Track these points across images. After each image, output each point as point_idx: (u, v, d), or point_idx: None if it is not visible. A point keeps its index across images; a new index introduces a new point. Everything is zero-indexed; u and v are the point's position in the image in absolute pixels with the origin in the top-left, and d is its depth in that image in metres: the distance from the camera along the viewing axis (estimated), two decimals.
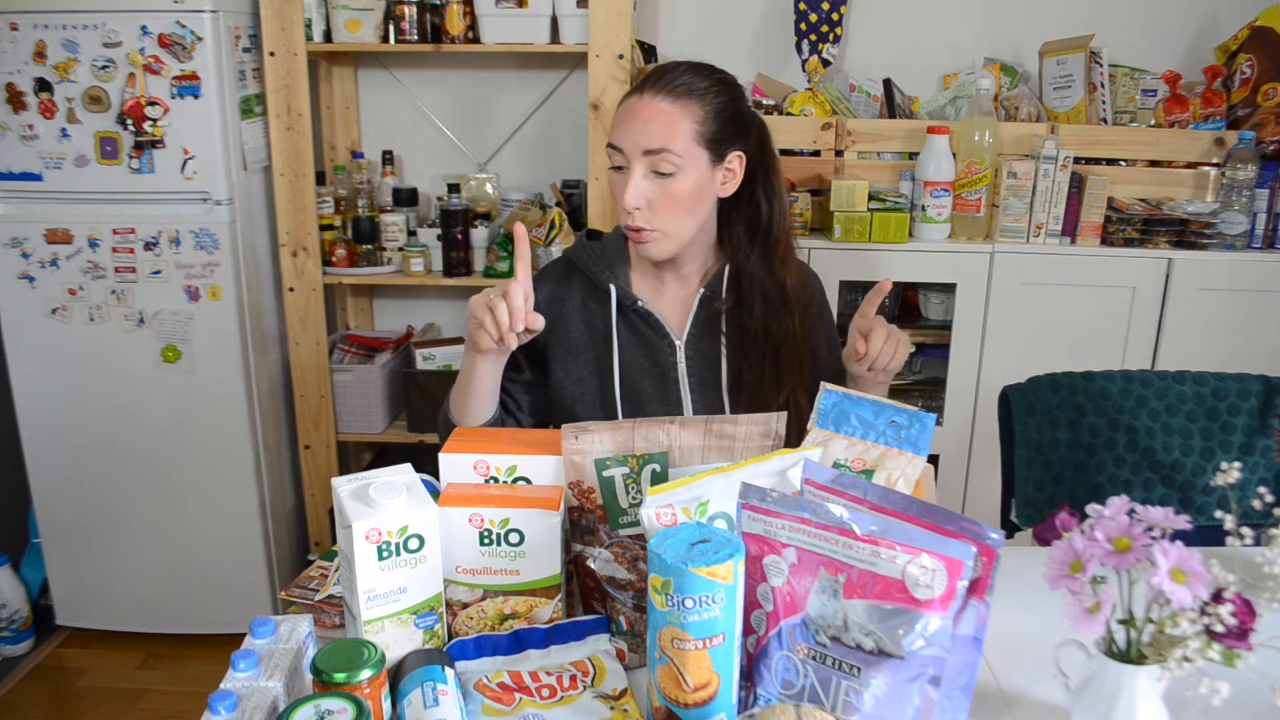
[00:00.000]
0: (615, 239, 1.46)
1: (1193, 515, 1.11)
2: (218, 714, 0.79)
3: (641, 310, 1.40)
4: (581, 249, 1.45)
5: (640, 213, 1.31)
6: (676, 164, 1.29)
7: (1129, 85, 2.38)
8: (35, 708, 2.33)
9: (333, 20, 2.32)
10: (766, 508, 0.84)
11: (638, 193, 1.30)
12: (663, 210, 1.31)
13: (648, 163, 1.29)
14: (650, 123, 1.29)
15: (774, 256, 1.40)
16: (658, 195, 1.30)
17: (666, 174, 1.29)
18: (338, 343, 2.66)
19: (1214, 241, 2.23)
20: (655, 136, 1.28)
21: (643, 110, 1.30)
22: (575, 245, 1.47)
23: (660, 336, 1.41)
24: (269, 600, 2.51)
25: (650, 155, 1.28)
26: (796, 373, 1.38)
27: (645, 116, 1.29)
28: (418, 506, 0.91)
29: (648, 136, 1.28)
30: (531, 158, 2.72)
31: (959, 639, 0.81)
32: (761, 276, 1.39)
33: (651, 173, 1.30)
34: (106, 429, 2.39)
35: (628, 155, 1.30)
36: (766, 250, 1.40)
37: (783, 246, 1.41)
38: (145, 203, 2.25)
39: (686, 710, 0.83)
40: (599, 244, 1.45)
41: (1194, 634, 0.77)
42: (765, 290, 1.39)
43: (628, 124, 1.30)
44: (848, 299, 2.50)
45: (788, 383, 1.38)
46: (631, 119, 1.30)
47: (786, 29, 2.53)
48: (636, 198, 1.30)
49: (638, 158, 1.29)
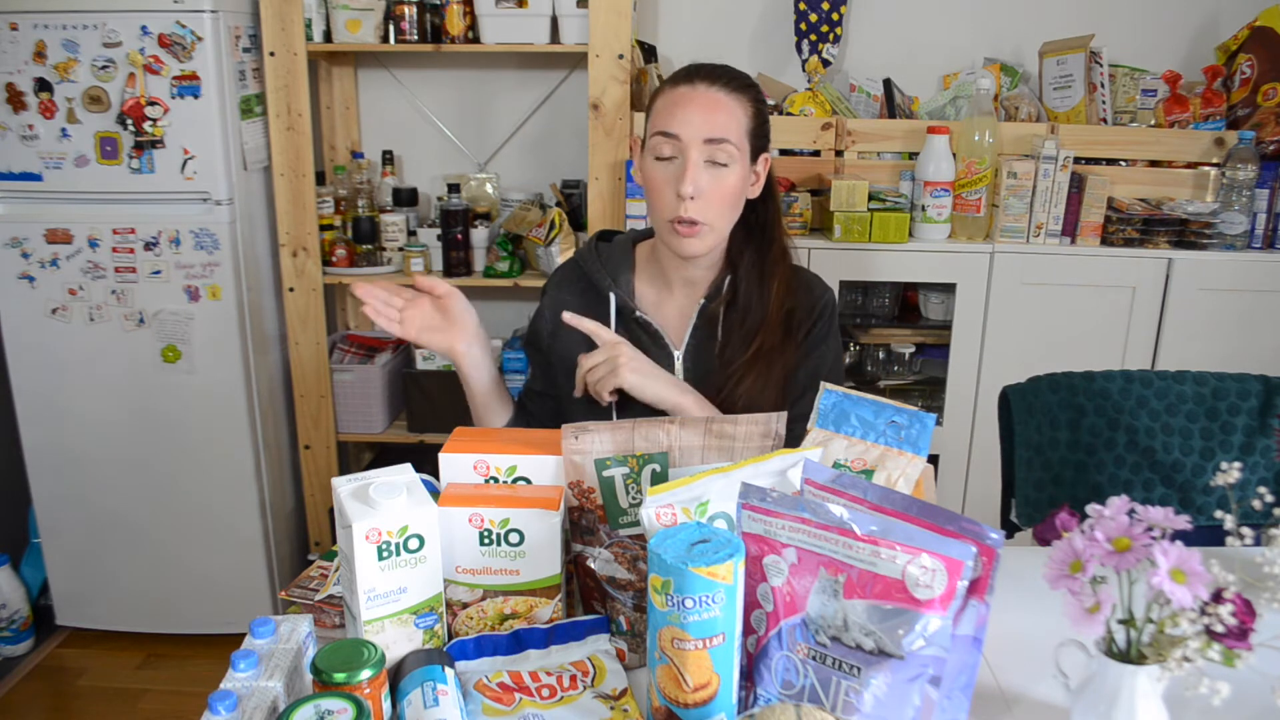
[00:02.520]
0: (623, 243, 1.45)
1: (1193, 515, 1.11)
2: (218, 714, 0.79)
3: (640, 319, 1.39)
4: (588, 253, 1.44)
5: (695, 203, 1.28)
6: (732, 155, 1.28)
7: (1129, 85, 2.38)
8: (35, 708, 2.33)
9: (333, 20, 2.32)
10: (766, 508, 0.84)
11: (697, 180, 1.27)
12: (715, 203, 1.29)
13: (706, 152, 1.27)
14: (712, 111, 1.27)
15: (765, 259, 1.39)
16: (712, 187, 1.28)
17: (721, 165, 1.28)
18: (338, 343, 2.66)
19: (1214, 241, 2.23)
20: (718, 126, 1.27)
21: (700, 99, 1.28)
22: (583, 249, 1.46)
23: (659, 346, 1.39)
24: (269, 600, 2.51)
25: (710, 144, 1.27)
26: (774, 384, 1.37)
27: (705, 105, 1.27)
28: (418, 506, 0.91)
29: (710, 125, 1.26)
30: (531, 158, 2.72)
31: (959, 639, 0.81)
32: (750, 281, 1.38)
33: (707, 162, 1.28)
34: (106, 429, 2.39)
35: (685, 143, 1.27)
36: (760, 254, 1.39)
37: (775, 250, 1.39)
38: (145, 203, 2.25)
39: (686, 710, 0.83)
40: (607, 247, 1.44)
41: (1194, 634, 0.77)
42: (749, 294, 1.38)
43: (685, 112, 1.27)
44: (848, 299, 2.50)
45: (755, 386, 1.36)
46: (689, 107, 1.28)
47: (786, 29, 2.53)
48: (695, 185, 1.27)
49: (697, 145, 1.27)
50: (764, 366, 1.36)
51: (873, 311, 2.54)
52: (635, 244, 1.46)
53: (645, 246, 1.46)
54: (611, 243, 1.45)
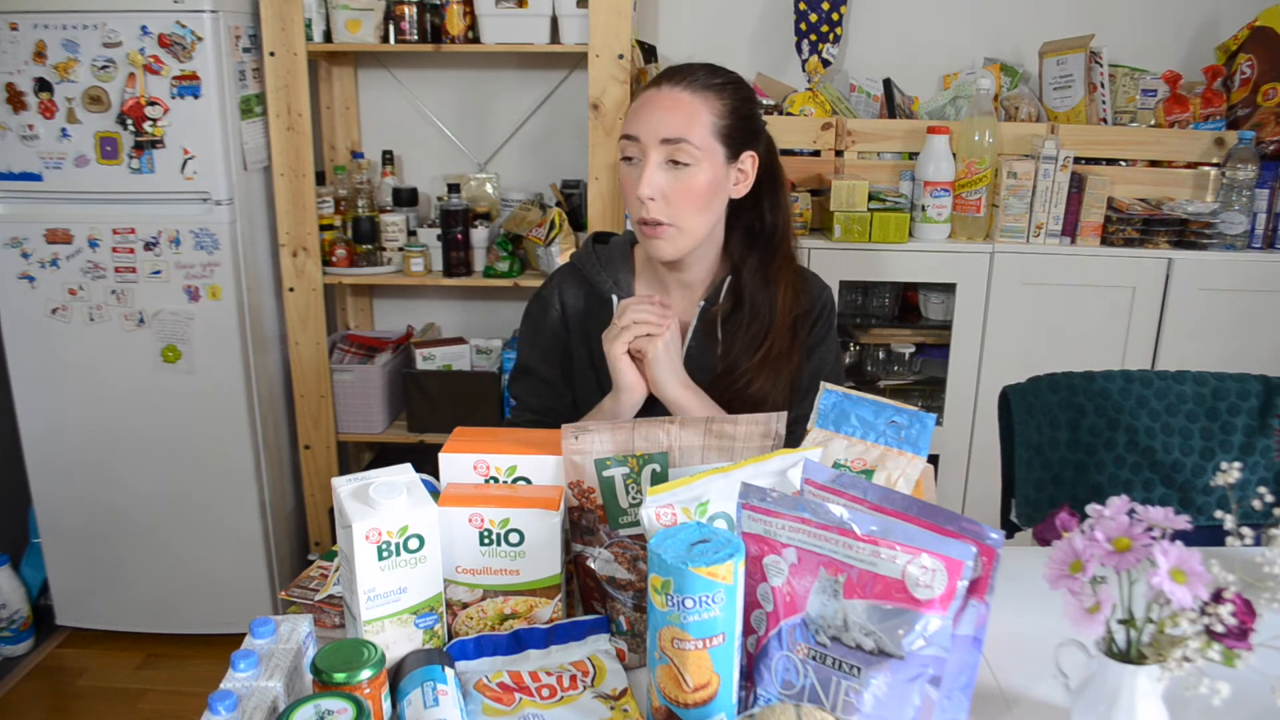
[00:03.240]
0: (621, 244, 1.44)
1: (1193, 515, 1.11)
2: (218, 714, 0.79)
3: None
4: (586, 255, 1.44)
5: (655, 204, 1.28)
6: (694, 155, 1.27)
7: (1129, 85, 2.38)
8: (35, 708, 2.33)
9: (333, 20, 2.32)
10: (766, 508, 0.84)
11: (652, 181, 1.27)
12: (678, 203, 1.28)
13: (665, 152, 1.27)
14: (669, 112, 1.27)
15: (771, 265, 1.38)
16: (673, 187, 1.28)
17: (684, 165, 1.27)
18: (338, 343, 2.66)
19: (1214, 241, 2.23)
20: (674, 125, 1.26)
21: (661, 100, 1.28)
22: (581, 251, 1.46)
23: None
24: (269, 600, 2.51)
25: (668, 144, 1.26)
26: (782, 388, 1.37)
27: (664, 106, 1.28)
28: (418, 506, 0.91)
29: (666, 125, 1.26)
30: (531, 158, 2.72)
31: (959, 639, 0.81)
32: (756, 285, 1.38)
33: (668, 163, 1.27)
34: (106, 429, 2.39)
35: (644, 144, 1.27)
36: (765, 259, 1.38)
37: (780, 256, 1.39)
38: (145, 203, 2.25)
39: (686, 710, 0.83)
40: (604, 249, 1.44)
41: (1194, 634, 0.77)
42: (756, 299, 1.37)
43: (645, 113, 1.28)
44: (848, 299, 2.50)
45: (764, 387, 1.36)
46: (649, 108, 1.28)
47: (786, 29, 2.53)
48: (651, 186, 1.27)
49: (654, 146, 1.27)
50: (772, 370, 1.36)
51: (873, 311, 2.55)
52: (633, 245, 1.46)
53: (643, 248, 1.46)
54: (609, 244, 1.45)
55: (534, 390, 1.45)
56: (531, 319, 1.46)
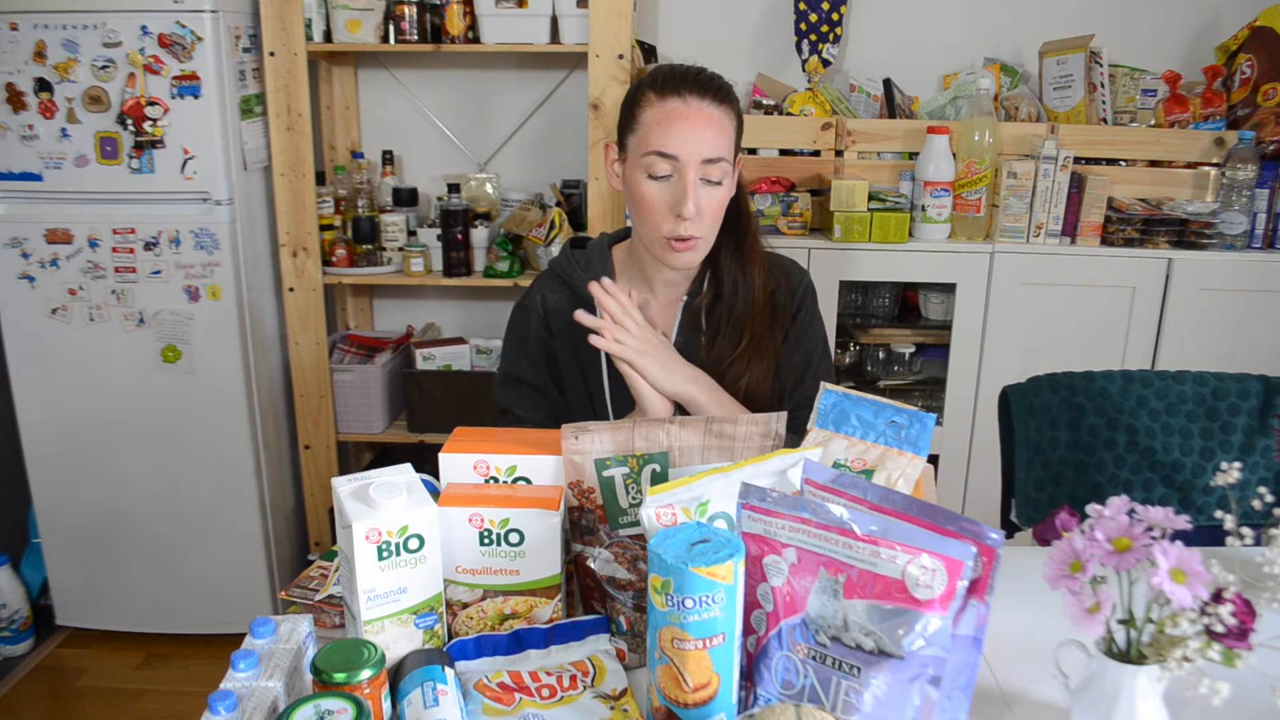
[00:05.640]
0: (599, 246, 1.44)
1: (1193, 515, 1.11)
2: (218, 714, 0.79)
3: None
4: (565, 260, 1.44)
5: (693, 222, 1.28)
6: (726, 171, 1.29)
7: (1129, 85, 2.38)
8: (35, 708, 2.33)
9: (333, 20, 2.32)
10: (766, 508, 0.84)
11: (699, 201, 1.27)
12: (709, 218, 1.30)
13: (702, 171, 1.27)
14: (708, 129, 1.27)
15: (744, 247, 1.39)
16: (707, 202, 1.28)
17: (715, 183, 1.28)
18: (338, 343, 2.66)
19: (1214, 241, 2.23)
20: (714, 145, 1.27)
21: (696, 116, 1.27)
22: (559, 258, 1.46)
23: None
24: (269, 600, 2.51)
25: (708, 164, 1.27)
26: (770, 373, 1.38)
27: (701, 123, 1.27)
28: (418, 506, 0.91)
29: (708, 145, 1.26)
30: (531, 158, 2.72)
31: (959, 639, 0.81)
32: (734, 270, 1.39)
33: (702, 180, 1.28)
34: (106, 429, 2.39)
35: (684, 163, 1.26)
36: (738, 241, 1.39)
37: (749, 236, 1.40)
38: (145, 203, 2.25)
39: (686, 710, 0.83)
40: (583, 254, 1.44)
41: (1194, 634, 0.77)
42: (735, 285, 1.38)
43: (682, 131, 1.26)
44: (848, 299, 2.50)
45: (753, 375, 1.37)
46: (685, 125, 1.26)
47: (786, 29, 2.53)
48: (697, 206, 1.27)
49: (695, 166, 1.26)
50: (757, 355, 1.37)
51: (873, 311, 2.55)
52: (611, 246, 1.46)
53: (621, 249, 1.46)
54: (586, 248, 1.45)
55: (527, 400, 1.44)
56: (516, 328, 1.46)
